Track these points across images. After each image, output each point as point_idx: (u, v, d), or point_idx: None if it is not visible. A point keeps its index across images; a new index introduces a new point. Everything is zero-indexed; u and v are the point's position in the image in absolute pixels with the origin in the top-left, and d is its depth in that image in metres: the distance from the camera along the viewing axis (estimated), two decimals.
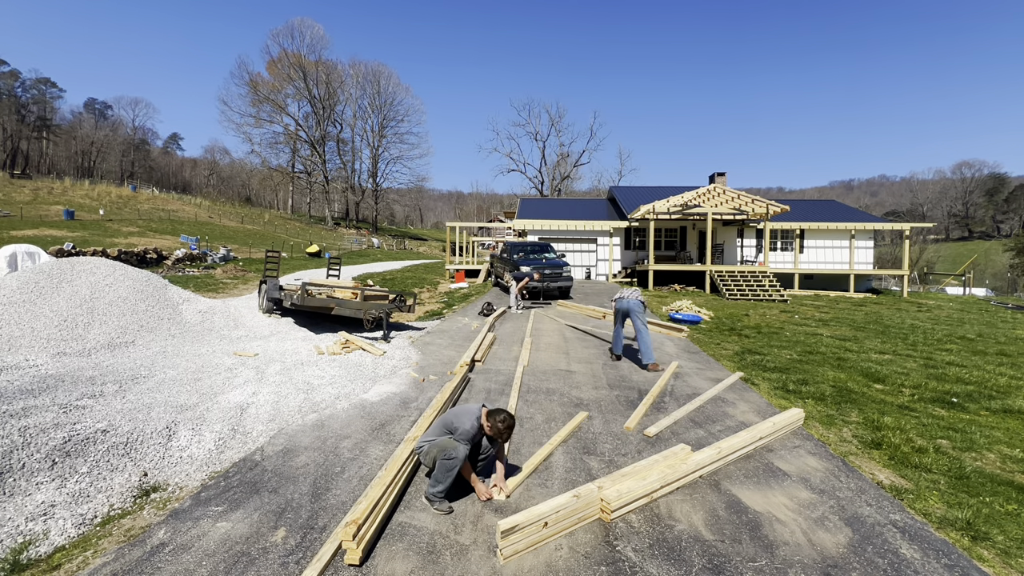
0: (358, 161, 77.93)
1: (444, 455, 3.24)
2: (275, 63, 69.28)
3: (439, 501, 3.24)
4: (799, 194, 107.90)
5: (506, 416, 3.35)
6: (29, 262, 11.81)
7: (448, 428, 3.40)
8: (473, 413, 3.44)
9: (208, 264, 20.50)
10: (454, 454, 3.23)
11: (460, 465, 3.24)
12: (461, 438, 3.30)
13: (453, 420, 3.42)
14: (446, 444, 3.28)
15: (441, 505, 3.22)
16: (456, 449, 3.24)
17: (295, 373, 6.22)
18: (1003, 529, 3.24)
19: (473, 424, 3.35)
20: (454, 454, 3.23)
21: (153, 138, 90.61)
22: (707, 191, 19.55)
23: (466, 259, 23.04)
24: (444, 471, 3.23)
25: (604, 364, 7.35)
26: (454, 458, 3.22)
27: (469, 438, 3.32)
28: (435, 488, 3.25)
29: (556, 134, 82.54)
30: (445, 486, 3.24)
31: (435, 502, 3.24)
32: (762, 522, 3.20)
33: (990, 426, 5.23)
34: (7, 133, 66.90)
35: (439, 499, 3.24)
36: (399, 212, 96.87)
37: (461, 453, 3.24)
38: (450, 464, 3.22)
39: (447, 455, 3.23)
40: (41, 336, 6.32)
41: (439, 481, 3.24)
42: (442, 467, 3.24)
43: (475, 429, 3.35)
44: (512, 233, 28.33)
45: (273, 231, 47.79)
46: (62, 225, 29.15)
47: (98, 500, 3.32)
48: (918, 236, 55.63)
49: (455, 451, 3.23)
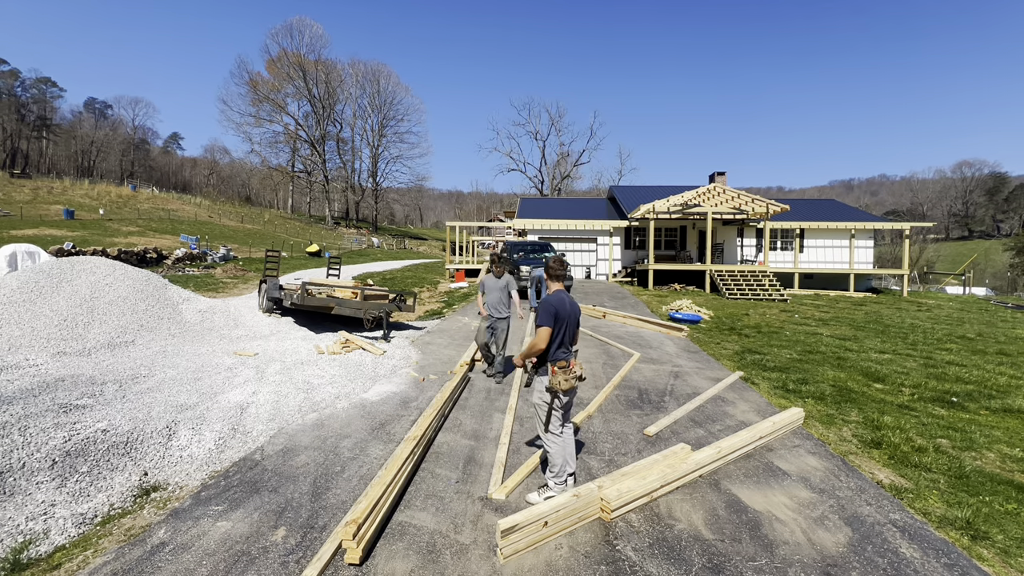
0: (358, 160, 78.01)
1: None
2: (275, 62, 69.20)
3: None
4: (799, 193, 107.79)
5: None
6: (29, 262, 11.80)
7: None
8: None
9: (208, 264, 20.49)
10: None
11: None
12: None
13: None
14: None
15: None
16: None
17: (295, 372, 6.22)
18: (1003, 528, 3.25)
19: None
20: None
21: (153, 137, 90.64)
22: (707, 190, 19.55)
23: (466, 259, 23.04)
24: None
25: (604, 364, 7.36)
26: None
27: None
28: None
29: (556, 133, 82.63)
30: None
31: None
32: (762, 521, 3.21)
33: (990, 425, 5.23)
34: (7, 133, 66.86)
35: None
36: (399, 212, 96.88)
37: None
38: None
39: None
40: (41, 336, 6.32)
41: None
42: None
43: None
44: (512, 233, 28.33)
45: (273, 230, 47.78)
46: (62, 225, 29.14)
47: (98, 499, 3.32)
48: (918, 235, 55.62)
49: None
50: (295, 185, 76.48)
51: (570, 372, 3.42)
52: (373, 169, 76.48)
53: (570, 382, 3.39)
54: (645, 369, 7.11)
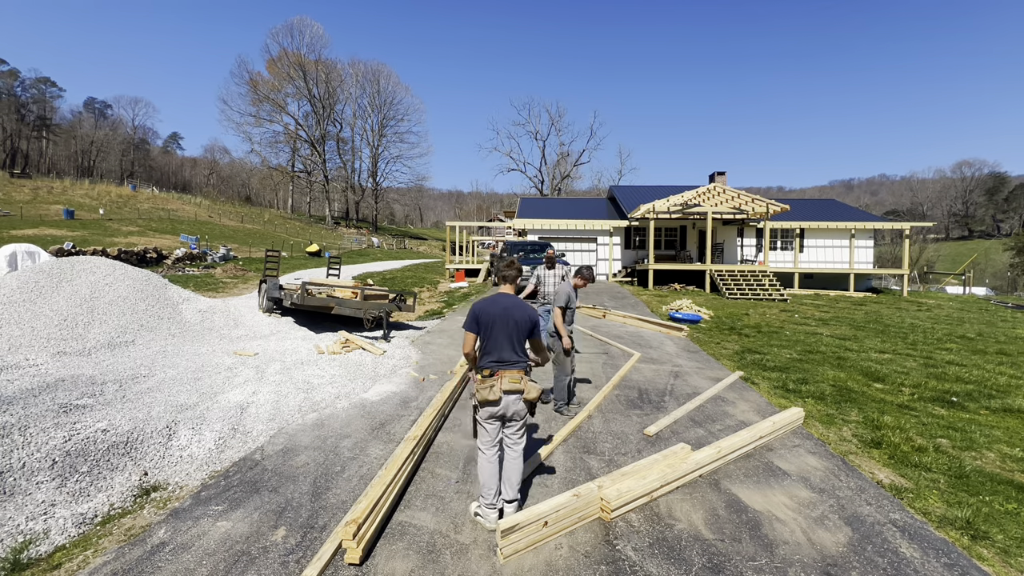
0: (358, 160, 78.03)
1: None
2: (275, 62, 69.21)
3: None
4: (799, 193, 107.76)
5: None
6: (29, 261, 11.80)
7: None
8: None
9: (208, 263, 20.48)
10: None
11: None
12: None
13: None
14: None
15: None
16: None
17: (295, 372, 6.22)
18: (1003, 528, 3.24)
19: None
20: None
21: (153, 137, 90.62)
22: (707, 190, 19.55)
23: (466, 258, 23.04)
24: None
25: (604, 363, 7.36)
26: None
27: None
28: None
29: (556, 133, 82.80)
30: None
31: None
32: (762, 521, 3.21)
33: (990, 425, 5.23)
34: (7, 132, 66.84)
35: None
36: (399, 211, 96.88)
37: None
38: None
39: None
40: (41, 335, 6.32)
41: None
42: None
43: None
44: (512, 232, 28.33)
45: (273, 230, 47.77)
46: (62, 224, 29.13)
47: (98, 499, 3.32)
48: (918, 235, 55.58)
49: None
50: (295, 185, 76.48)
51: (489, 384, 3.05)
52: (373, 169, 76.51)
53: (487, 394, 3.02)
54: (645, 369, 7.11)
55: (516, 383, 3.05)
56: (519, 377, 3.08)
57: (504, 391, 3.02)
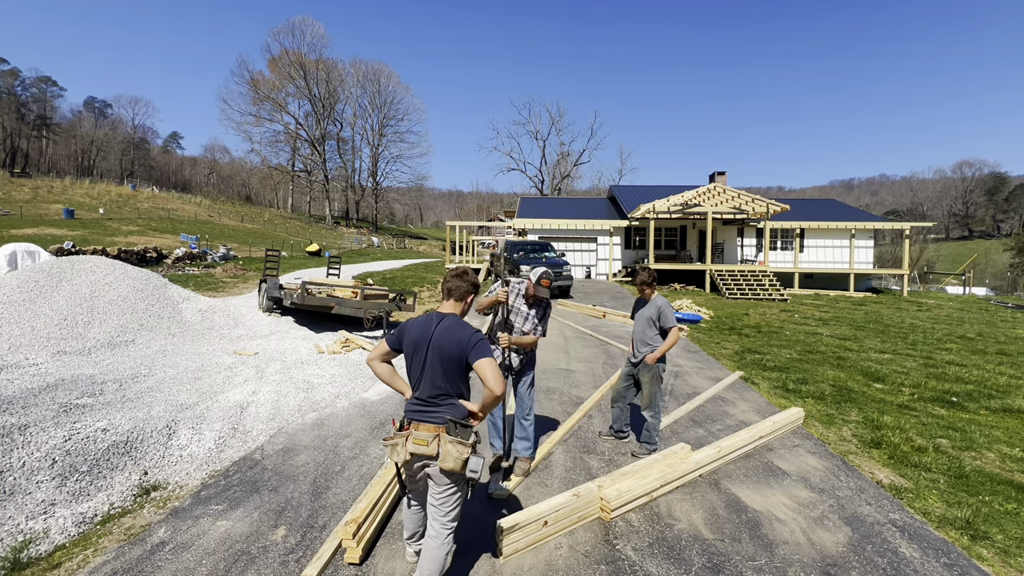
0: (358, 160, 77.96)
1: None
2: (275, 61, 69.16)
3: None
4: (799, 193, 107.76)
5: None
6: (29, 261, 11.80)
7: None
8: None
9: (208, 263, 20.47)
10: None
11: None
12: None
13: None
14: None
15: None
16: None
17: (295, 372, 6.22)
18: (1002, 528, 3.25)
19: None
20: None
21: (153, 137, 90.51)
22: (707, 190, 19.54)
23: (466, 258, 23.03)
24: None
25: (604, 363, 7.35)
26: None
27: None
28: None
29: (556, 133, 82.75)
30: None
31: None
32: (762, 521, 3.21)
33: (990, 425, 5.23)
34: (7, 132, 66.80)
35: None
36: (399, 211, 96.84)
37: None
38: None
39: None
40: (41, 335, 6.32)
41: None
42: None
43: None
44: (512, 232, 28.31)
45: (273, 230, 47.75)
46: (62, 224, 29.12)
47: (98, 499, 3.32)
48: (918, 235, 55.58)
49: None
50: (295, 184, 76.43)
51: (393, 442, 2.25)
52: (373, 168, 76.45)
53: (391, 454, 2.24)
54: None
55: (422, 445, 2.17)
56: (431, 437, 2.18)
57: (411, 453, 2.21)
